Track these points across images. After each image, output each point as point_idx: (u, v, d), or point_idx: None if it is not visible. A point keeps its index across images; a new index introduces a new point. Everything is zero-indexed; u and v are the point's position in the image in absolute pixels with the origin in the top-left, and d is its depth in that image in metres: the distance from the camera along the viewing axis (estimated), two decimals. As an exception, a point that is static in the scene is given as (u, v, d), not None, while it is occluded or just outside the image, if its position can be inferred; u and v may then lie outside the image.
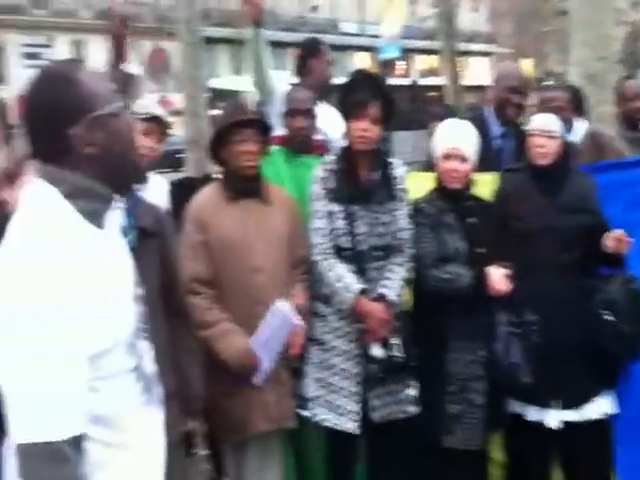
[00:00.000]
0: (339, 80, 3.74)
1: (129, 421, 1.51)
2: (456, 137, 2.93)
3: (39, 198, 1.46)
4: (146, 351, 1.58)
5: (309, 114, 3.22)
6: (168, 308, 2.33)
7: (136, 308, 1.55)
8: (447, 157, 2.91)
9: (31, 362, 1.33)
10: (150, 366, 1.59)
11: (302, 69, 3.83)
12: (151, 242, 2.27)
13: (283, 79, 3.84)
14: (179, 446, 2.34)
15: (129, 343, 1.51)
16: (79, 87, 1.46)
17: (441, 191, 2.96)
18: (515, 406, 2.92)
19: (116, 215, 1.62)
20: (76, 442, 1.39)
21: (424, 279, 2.86)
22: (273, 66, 3.65)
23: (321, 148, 3.39)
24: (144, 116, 2.72)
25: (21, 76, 32.67)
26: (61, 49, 34.71)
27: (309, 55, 3.83)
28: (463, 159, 2.90)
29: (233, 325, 2.72)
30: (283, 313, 2.71)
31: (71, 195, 1.45)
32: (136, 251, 1.73)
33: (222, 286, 2.75)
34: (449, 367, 2.84)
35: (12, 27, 32.48)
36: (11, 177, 2.12)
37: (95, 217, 1.49)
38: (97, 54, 35.59)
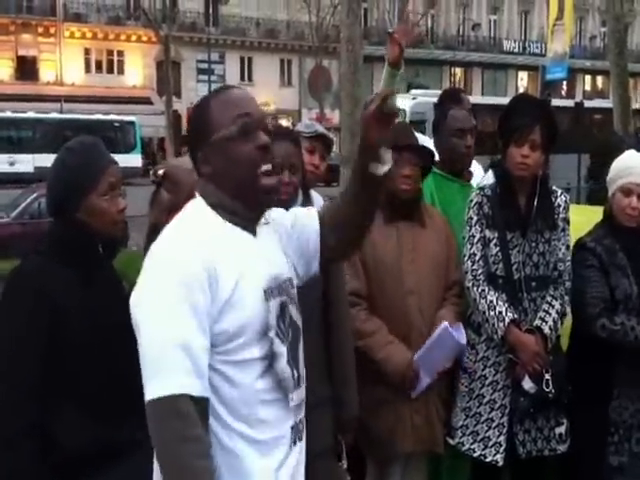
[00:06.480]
0: (498, 100, 3.61)
1: (252, 412, 1.55)
2: (638, 171, 2.76)
3: (190, 206, 1.65)
4: (282, 353, 1.59)
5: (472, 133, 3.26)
6: (326, 321, 2.40)
7: (271, 307, 1.59)
8: (626, 192, 2.75)
9: (159, 323, 1.48)
10: (287, 369, 1.60)
11: (441, 117, 3.36)
12: None
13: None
14: (329, 455, 2.37)
15: (258, 335, 1.56)
16: (207, 113, 1.62)
17: (612, 228, 2.79)
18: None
19: (271, 229, 1.71)
20: (197, 403, 1.47)
21: (591, 327, 2.67)
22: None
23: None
24: (310, 134, 2.79)
25: (194, 90, 34.97)
26: (231, 65, 36.74)
27: (449, 102, 3.50)
28: None
29: (393, 336, 2.73)
30: (450, 332, 2.68)
31: (214, 206, 1.61)
32: None
33: (376, 307, 2.78)
34: (612, 415, 2.69)
35: (188, 44, 34.83)
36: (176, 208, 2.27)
37: (239, 225, 1.62)
38: (264, 70, 37.33)
